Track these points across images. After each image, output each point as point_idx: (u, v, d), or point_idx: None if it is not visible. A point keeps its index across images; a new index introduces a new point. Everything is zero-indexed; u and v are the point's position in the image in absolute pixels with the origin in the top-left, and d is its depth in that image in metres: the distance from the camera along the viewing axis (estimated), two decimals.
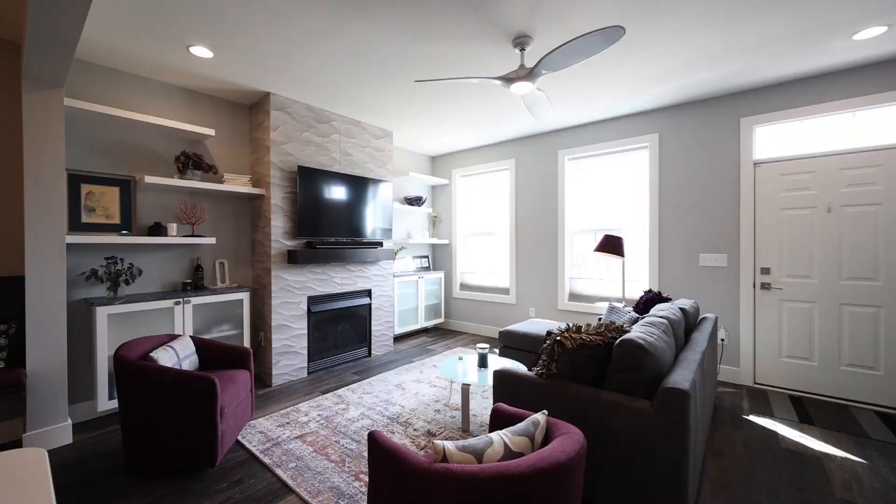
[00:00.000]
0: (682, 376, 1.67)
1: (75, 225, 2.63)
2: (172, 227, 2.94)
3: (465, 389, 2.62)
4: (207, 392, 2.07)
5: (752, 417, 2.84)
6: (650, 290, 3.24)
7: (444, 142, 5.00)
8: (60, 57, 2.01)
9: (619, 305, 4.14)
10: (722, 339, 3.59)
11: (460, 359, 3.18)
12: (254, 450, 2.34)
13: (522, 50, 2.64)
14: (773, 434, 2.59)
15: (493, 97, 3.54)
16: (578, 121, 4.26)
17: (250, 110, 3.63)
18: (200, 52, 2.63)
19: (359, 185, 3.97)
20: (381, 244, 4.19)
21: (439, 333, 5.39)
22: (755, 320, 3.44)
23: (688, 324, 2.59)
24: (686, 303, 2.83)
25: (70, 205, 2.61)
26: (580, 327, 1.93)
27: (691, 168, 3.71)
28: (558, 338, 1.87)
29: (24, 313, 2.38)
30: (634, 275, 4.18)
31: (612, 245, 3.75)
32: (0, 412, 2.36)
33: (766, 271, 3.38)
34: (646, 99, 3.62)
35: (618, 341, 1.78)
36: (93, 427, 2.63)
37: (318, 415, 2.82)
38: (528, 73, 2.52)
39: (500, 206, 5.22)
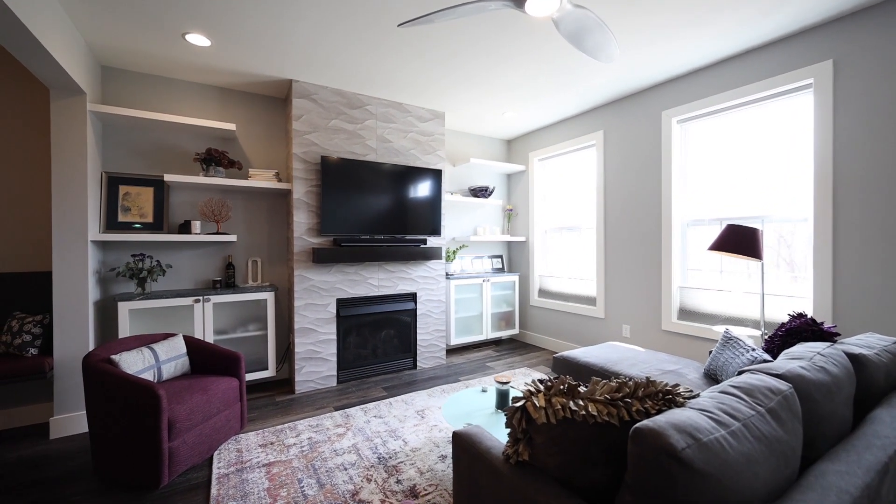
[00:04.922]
0: None
1: (112, 224, 2.81)
2: (196, 225, 2.95)
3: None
4: (149, 405, 1.86)
5: None
6: (800, 315, 1.93)
7: (510, 119, 4.18)
8: (40, 60, 2.06)
9: (754, 334, 2.73)
10: None
11: (484, 391, 2.44)
12: (214, 473, 2.07)
13: None
14: None
15: (548, 49, 2.65)
16: (688, 65, 2.97)
17: (283, 103, 3.52)
18: (197, 39, 2.52)
19: (399, 176, 3.51)
20: (425, 241, 3.66)
21: (510, 347, 4.57)
22: None
23: (865, 387, 1.35)
24: (869, 343, 1.52)
25: (108, 205, 2.80)
26: (575, 386, 1.05)
27: None
28: (523, 402, 1.04)
29: None
30: (791, 287, 2.72)
31: (738, 241, 2.47)
32: (31, 395, 2.63)
33: None
34: (802, 8, 2.23)
35: (633, 430, 0.87)
36: None
37: (309, 438, 2.44)
38: None
39: (585, 194, 4.14)
